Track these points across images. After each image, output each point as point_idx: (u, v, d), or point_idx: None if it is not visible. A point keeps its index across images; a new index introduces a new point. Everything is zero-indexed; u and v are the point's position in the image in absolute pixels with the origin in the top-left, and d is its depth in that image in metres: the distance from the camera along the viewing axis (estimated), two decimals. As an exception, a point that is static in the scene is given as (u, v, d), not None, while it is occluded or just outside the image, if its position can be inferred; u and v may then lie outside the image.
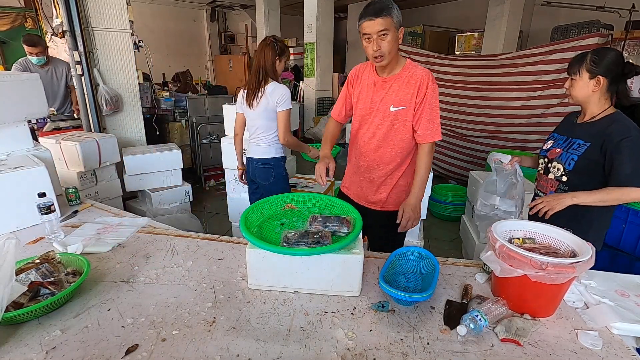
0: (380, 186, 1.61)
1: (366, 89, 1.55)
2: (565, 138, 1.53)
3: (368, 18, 1.34)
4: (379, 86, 1.51)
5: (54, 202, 1.48)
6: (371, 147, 1.57)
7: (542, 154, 1.61)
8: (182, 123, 4.49)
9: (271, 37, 2.12)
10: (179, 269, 1.31)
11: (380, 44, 1.36)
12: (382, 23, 1.33)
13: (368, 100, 1.55)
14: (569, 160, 1.44)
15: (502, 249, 1.03)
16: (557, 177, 1.50)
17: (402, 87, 1.47)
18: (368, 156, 1.59)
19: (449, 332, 1.02)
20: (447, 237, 3.51)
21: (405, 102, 1.47)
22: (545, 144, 1.62)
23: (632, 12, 4.44)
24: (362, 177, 1.65)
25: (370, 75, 1.55)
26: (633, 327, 1.03)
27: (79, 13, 2.92)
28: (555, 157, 1.51)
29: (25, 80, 1.87)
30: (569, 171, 1.45)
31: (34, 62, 3.28)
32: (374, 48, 1.37)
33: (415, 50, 5.05)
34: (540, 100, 3.93)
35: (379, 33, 1.34)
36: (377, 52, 1.38)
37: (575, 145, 1.45)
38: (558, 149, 1.51)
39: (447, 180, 4.74)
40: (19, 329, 0.99)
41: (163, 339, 0.97)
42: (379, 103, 1.51)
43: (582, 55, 1.42)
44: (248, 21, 9.10)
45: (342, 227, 1.21)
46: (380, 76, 1.52)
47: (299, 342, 0.97)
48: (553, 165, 1.51)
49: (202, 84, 6.95)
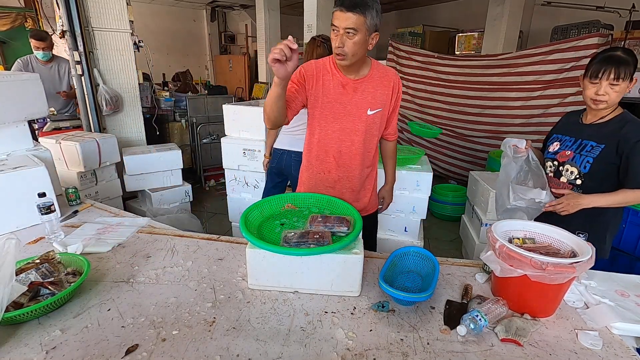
0: (360, 192, 1.57)
1: (332, 91, 1.39)
2: (573, 140, 1.48)
3: (339, 8, 1.20)
4: (349, 88, 1.39)
5: (54, 202, 1.48)
6: (351, 153, 1.47)
7: (549, 156, 1.56)
8: (182, 123, 4.49)
9: (319, 37, 2.17)
10: (179, 269, 1.31)
11: (345, 42, 1.23)
12: (352, 20, 1.19)
13: (337, 104, 1.40)
14: (584, 163, 1.41)
15: (502, 249, 1.03)
16: (570, 181, 1.47)
17: (377, 88, 1.41)
18: (346, 164, 1.48)
19: (449, 332, 1.02)
20: (447, 237, 3.51)
21: (382, 103, 1.43)
22: (550, 146, 1.57)
23: (632, 12, 4.44)
24: (335, 186, 1.52)
25: (335, 75, 1.39)
26: (633, 327, 1.03)
27: (79, 13, 2.91)
28: (567, 160, 1.47)
29: (25, 80, 1.87)
30: (584, 174, 1.41)
31: (40, 56, 3.28)
32: (337, 43, 1.24)
33: (415, 50, 5.05)
34: (540, 100, 3.93)
35: (346, 29, 1.21)
36: (338, 49, 1.25)
37: (587, 147, 1.42)
38: (569, 152, 1.47)
39: (447, 180, 4.73)
40: (19, 329, 0.99)
41: (163, 339, 0.97)
42: (352, 107, 1.40)
43: (626, 58, 1.29)
44: (248, 21, 9.09)
45: (342, 227, 1.21)
46: (348, 77, 1.39)
47: (299, 342, 0.97)
48: (565, 168, 1.47)
49: (202, 84, 6.95)
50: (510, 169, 1.54)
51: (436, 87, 4.76)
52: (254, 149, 2.89)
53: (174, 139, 4.42)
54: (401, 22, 8.79)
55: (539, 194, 1.44)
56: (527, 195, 1.46)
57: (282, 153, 2.32)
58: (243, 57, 8.70)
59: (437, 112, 4.79)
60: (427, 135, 4.54)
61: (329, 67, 1.40)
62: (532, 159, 1.52)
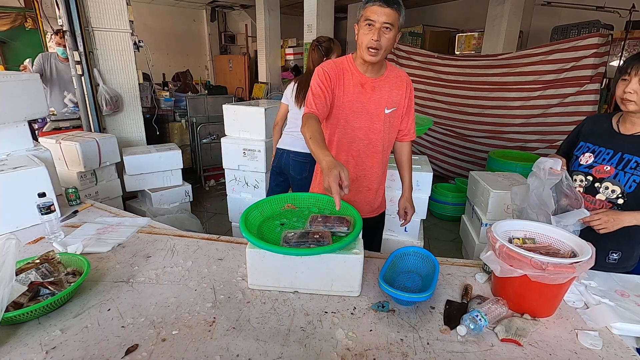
0: (377, 190, 1.59)
1: (352, 90, 1.40)
2: (611, 152, 1.33)
3: (378, 3, 1.22)
4: (368, 87, 1.40)
5: (54, 202, 1.48)
6: (370, 152, 1.47)
7: (581, 169, 1.40)
8: (182, 123, 4.50)
9: (316, 40, 2.22)
10: (179, 269, 1.31)
11: (381, 37, 1.25)
12: (391, 15, 1.22)
13: (356, 103, 1.41)
14: (630, 182, 1.27)
15: (502, 249, 1.03)
16: (610, 199, 1.33)
17: (393, 88, 1.43)
18: (364, 162, 1.49)
19: (449, 332, 1.02)
20: (447, 237, 3.51)
21: (396, 103, 1.45)
22: (581, 157, 1.40)
23: (632, 12, 4.44)
24: (353, 184, 1.49)
25: (354, 75, 1.40)
26: (633, 327, 1.03)
27: (79, 13, 2.91)
28: (607, 177, 1.32)
29: (25, 80, 1.87)
30: (628, 193, 1.28)
31: (60, 52, 3.29)
32: (374, 37, 1.25)
33: (415, 50, 5.05)
34: (540, 100, 3.94)
35: (383, 24, 1.23)
36: (375, 43, 1.26)
37: (632, 163, 1.28)
38: (608, 167, 1.32)
39: (447, 180, 4.73)
40: (19, 329, 0.99)
41: (163, 339, 0.97)
42: (370, 106, 1.41)
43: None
44: (248, 21, 9.09)
45: (342, 227, 1.21)
46: (367, 77, 1.40)
47: (299, 342, 0.97)
48: (604, 186, 1.32)
49: (202, 84, 6.95)
50: (545, 196, 1.36)
51: (436, 87, 4.77)
52: (254, 149, 2.89)
53: (174, 139, 4.42)
54: (401, 22, 8.78)
55: (581, 213, 1.28)
56: (570, 220, 1.29)
57: (282, 152, 2.34)
58: (243, 57, 8.70)
59: (437, 112, 4.80)
60: (419, 132, 4.53)
61: (348, 67, 1.41)
62: (565, 178, 1.35)
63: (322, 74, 1.37)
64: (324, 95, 1.35)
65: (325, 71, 1.37)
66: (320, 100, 1.34)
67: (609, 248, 1.35)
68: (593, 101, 3.61)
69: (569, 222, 1.28)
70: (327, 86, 1.36)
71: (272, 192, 2.45)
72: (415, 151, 5.02)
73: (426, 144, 4.98)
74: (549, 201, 1.34)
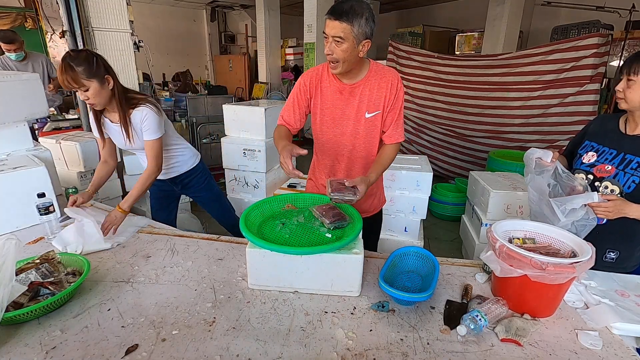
0: (369, 194, 1.56)
1: (330, 97, 1.42)
2: (614, 152, 1.32)
3: (328, 16, 1.22)
4: (346, 93, 1.40)
5: (53, 202, 1.49)
6: (354, 157, 1.48)
7: (582, 168, 1.39)
8: (182, 123, 4.50)
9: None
10: (179, 269, 1.31)
11: (334, 49, 1.25)
12: (339, 29, 1.20)
13: (336, 109, 1.42)
14: (629, 183, 1.26)
15: (502, 249, 1.03)
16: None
17: (374, 90, 1.39)
18: (350, 167, 1.50)
19: (449, 332, 1.02)
20: (447, 237, 3.51)
21: (379, 105, 1.41)
22: (583, 156, 1.40)
23: (632, 12, 4.45)
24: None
25: (331, 82, 1.41)
26: (633, 327, 1.03)
27: (79, 13, 2.92)
28: (607, 177, 1.31)
29: (25, 80, 1.87)
30: (626, 194, 1.27)
31: (13, 58, 3.28)
32: (327, 51, 1.27)
33: (415, 50, 5.05)
34: (540, 100, 3.93)
35: (333, 37, 1.22)
36: (329, 56, 1.28)
37: (633, 164, 1.27)
38: (609, 167, 1.31)
39: (447, 180, 4.73)
40: (19, 329, 0.99)
41: (163, 339, 0.97)
42: (350, 111, 1.41)
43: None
44: (248, 21, 9.10)
45: (349, 194, 1.25)
46: (344, 83, 1.40)
47: (299, 342, 0.97)
48: (604, 185, 1.32)
49: (202, 84, 6.97)
50: (542, 186, 1.34)
51: (436, 87, 4.76)
52: (254, 149, 2.89)
53: (174, 139, 4.41)
54: (401, 22, 8.79)
55: (589, 197, 1.22)
56: (576, 202, 1.23)
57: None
58: (243, 57, 8.71)
59: (437, 112, 4.79)
60: None
61: (326, 74, 1.43)
62: (561, 171, 1.32)
63: (300, 85, 1.45)
64: (298, 106, 1.46)
65: (303, 83, 1.45)
66: (290, 113, 1.47)
67: (606, 247, 1.34)
68: (593, 101, 3.61)
69: (573, 205, 1.23)
70: (302, 98, 1.45)
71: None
72: (415, 151, 5.02)
73: (426, 144, 4.98)
74: (543, 187, 1.33)
